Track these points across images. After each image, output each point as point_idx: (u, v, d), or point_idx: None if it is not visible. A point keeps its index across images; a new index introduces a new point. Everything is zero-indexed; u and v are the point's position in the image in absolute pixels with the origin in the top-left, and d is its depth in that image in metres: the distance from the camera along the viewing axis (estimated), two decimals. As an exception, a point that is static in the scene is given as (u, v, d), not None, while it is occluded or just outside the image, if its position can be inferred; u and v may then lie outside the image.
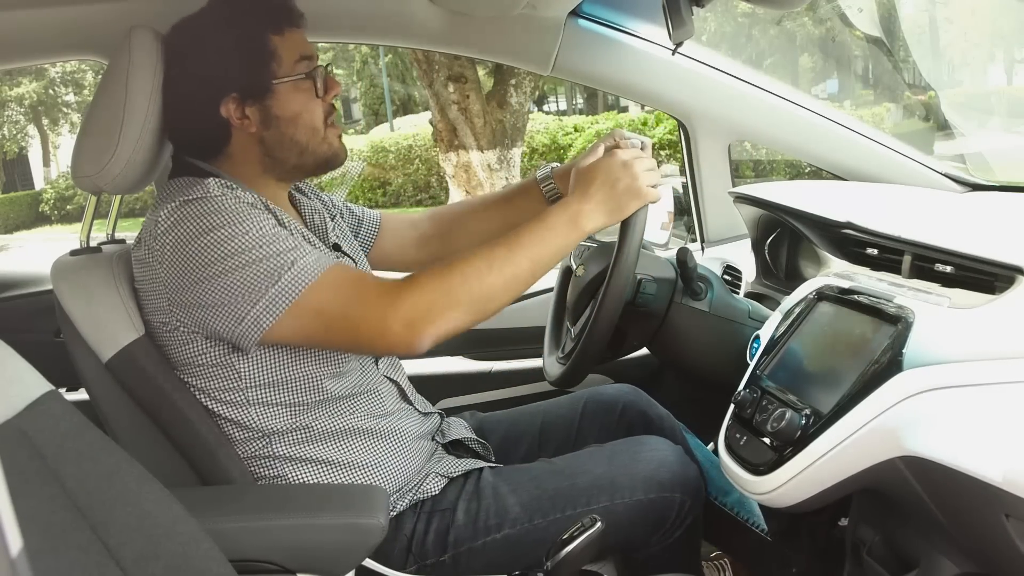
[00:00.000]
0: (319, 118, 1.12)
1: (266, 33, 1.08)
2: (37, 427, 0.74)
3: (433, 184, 11.39)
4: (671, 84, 1.63)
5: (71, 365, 1.11)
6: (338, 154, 1.15)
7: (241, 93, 1.08)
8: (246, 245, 0.98)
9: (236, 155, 1.12)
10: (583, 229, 1.07)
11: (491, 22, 1.55)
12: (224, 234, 0.98)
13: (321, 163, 1.15)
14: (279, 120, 1.09)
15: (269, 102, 1.09)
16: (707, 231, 1.75)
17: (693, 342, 1.27)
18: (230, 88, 1.07)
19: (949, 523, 0.81)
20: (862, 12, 2.28)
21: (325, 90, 1.12)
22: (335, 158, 1.15)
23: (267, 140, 1.10)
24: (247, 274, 0.97)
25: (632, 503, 1.13)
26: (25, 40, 1.44)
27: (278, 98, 1.09)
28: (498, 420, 1.41)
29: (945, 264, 0.90)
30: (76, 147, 1.14)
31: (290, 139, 1.11)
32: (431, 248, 1.47)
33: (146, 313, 1.07)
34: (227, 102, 1.08)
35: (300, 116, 1.10)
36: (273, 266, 0.97)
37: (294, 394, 1.08)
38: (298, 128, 1.11)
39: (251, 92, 1.08)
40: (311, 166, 1.15)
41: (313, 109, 1.11)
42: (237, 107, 1.08)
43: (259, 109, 1.09)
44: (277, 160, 1.12)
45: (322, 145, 1.13)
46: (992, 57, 8.99)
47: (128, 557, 0.73)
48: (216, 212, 0.99)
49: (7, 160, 19.33)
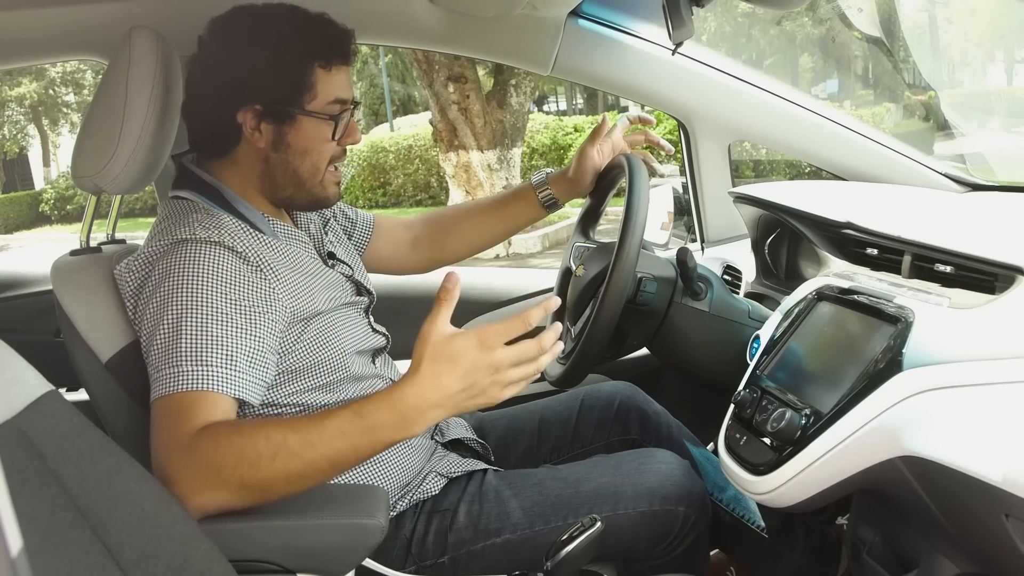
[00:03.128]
0: (325, 160, 1.11)
1: (313, 63, 1.06)
2: (37, 427, 0.74)
3: (433, 184, 11.39)
4: (671, 84, 1.63)
5: (71, 365, 1.11)
6: (330, 198, 1.15)
7: (263, 108, 1.06)
8: (189, 317, 0.96)
9: (240, 163, 1.11)
10: (412, 431, 0.86)
11: (491, 22, 1.55)
12: (180, 296, 0.97)
13: (312, 202, 1.14)
14: (289, 148, 1.09)
15: (286, 127, 1.08)
16: (707, 231, 1.75)
17: (693, 342, 1.27)
18: (255, 99, 1.06)
19: (949, 523, 0.81)
20: (862, 12, 2.29)
21: (344, 135, 1.12)
22: (326, 201, 1.15)
23: (271, 161, 1.10)
24: (173, 340, 0.95)
25: (635, 514, 1.12)
26: (25, 40, 1.44)
27: (297, 128, 1.08)
28: (497, 418, 1.41)
29: (945, 264, 0.90)
30: (76, 147, 1.14)
31: (292, 169, 1.10)
32: (424, 250, 1.47)
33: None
34: (246, 110, 1.06)
35: (309, 153, 1.09)
36: (187, 350, 0.94)
37: (293, 396, 1.07)
38: (303, 162, 1.10)
39: (273, 112, 1.07)
40: (303, 202, 1.14)
41: (324, 150, 1.10)
42: (254, 118, 1.07)
43: (274, 130, 1.08)
44: (275, 184, 1.11)
45: (318, 187, 1.12)
46: (992, 57, 8.99)
47: (128, 557, 0.73)
48: (191, 271, 0.98)
49: (7, 160, 19.34)
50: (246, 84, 1.05)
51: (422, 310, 0.85)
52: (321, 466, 0.86)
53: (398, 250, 1.45)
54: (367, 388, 1.15)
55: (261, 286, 1.02)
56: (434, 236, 1.47)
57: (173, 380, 0.93)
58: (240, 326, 0.98)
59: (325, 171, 1.12)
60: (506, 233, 1.48)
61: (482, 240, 1.48)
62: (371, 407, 0.85)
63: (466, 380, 0.84)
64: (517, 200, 1.44)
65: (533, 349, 0.87)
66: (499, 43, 1.60)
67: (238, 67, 1.05)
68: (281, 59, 1.05)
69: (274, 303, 1.02)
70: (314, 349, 1.08)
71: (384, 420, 0.84)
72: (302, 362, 1.07)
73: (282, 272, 1.06)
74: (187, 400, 0.92)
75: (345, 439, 0.85)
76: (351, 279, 1.22)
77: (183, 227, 1.03)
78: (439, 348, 0.84)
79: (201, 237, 1.01)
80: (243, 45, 1.06)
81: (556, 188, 1.43)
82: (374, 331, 1.23)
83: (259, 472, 0.85)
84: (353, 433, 0.85)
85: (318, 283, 1.12)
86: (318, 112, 1.07)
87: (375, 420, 0.84)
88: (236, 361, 0.95)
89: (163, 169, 1.23)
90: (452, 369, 0.84)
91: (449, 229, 1.47)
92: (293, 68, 1.06)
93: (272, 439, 0.85)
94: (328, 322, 1.11)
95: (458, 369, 0.84)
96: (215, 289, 0.98)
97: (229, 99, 1.06)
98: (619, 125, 1.45)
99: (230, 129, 1.08)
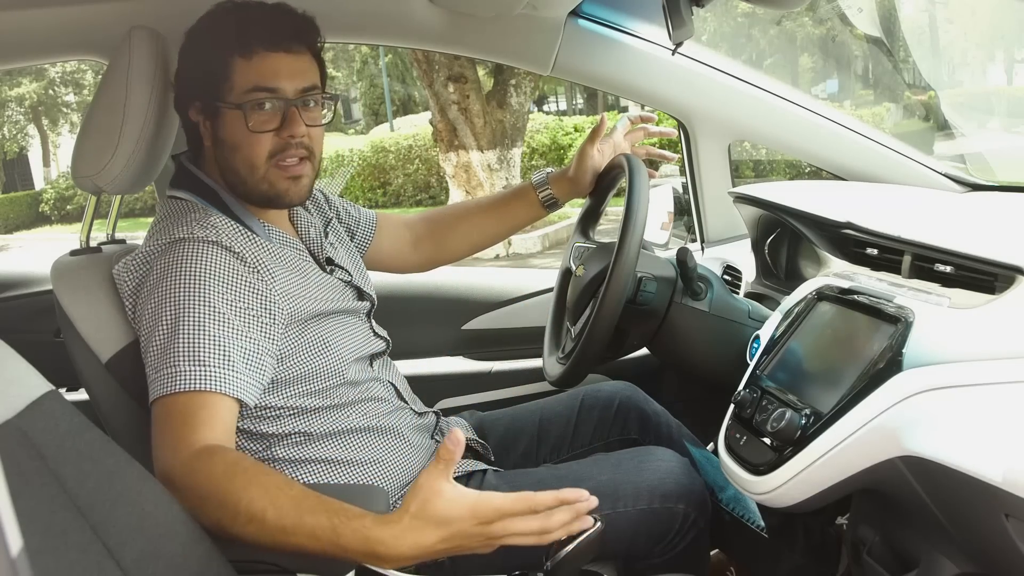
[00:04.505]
0: (259, 154, 1.05)
1: (231, 53, 1.03)
2: (37, 427, 0.74)
3: (433, 184, 11.39)
4: (671, 84, 1.63)
5: (71, 365, 1.11)
6: (281, 196, 1.08)
7: (201, 104, 1.08)
8: (186, 315, 0.96)
9: (209, 161, 1.12)
10: (380, 566, 0.83)
11: (491, 22, 1.55)
12: (178, 296, 0.97)
13: (262, 200, 1.09)
14: (223, 144, 1.08)
15: (217, 122, 1.07)
16: (707, 231, 1.75)
17: (693, 342, 1.27)
18: (194, 96, 1.08)
19: (949, 523, 0.81)
20: (862, 12, 2.28)
21: (281, 126, 1.05)
22: (277, 199, 1.09)
23: (218, 158, 1.10)
24: (171, 340, 0.96)
25: (635, 512, 1.12)
26: (25, 40, 1.44)
27: (223, 121, 1.07)
28: (497, 418, 1.41)
29: (945, 264, 0.90)
30: (76, 147, 1.14)
31: (231, 166, 1.08)
32: (425, 250, 1.47)
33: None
34: (193, 108, 1.09)
35: (239, 146, 1.06)
36: (184, 349, 0.95)
37: (288, 400, 1.07)
38: (235, 158, 1.07)
39: (204, 108, 1.08)
40: (255, 199, 1.10)
41: (253, 143, 1.05)
42: (197, 115, 1.09)
43: (211, 126, 1.09)
44: (228, 181, 1.10)
45: (261, 183, 1.07)
46: (992, 57, 8.98)
47: (128, 557, 0.73)
48: (189, 270, 0.99)
49: (7, 160, 19.33)
50: (186, 82, 1.09)
51: (422, 310, 0.85)
52: (286, 550, 0.84)
53: (400, 249, 1.45)
54: (364, 392, 1.15)
55: (258, 287, 1.02)
56: (435, 235, 1.47)
57: (171, 380, 0.93)
58: (237, 327, 0.98)
59: (266, 166, 1.06)
60: (506, 232, 1.49)
61: (482, 239, 1.48)
62: (347, 531, 0.81)
63: (449, 543, 0.81)
64: (517, 200, 1.45)
65: (536, 526, 0.82)
66: (499, 43, 1.60)
67: (181, 66, 1.09)
68: (202, 51, 1.06)
69: (270, 305, 1.02)
70: (312, 356, 1.08)
71: (355, 548, 0.81)
72: (299, 368, 1.07)
73: (278, 273, 1.06)
74: (188, 403, 0.93)
75: (315, 543, 0.82)
76: (351, 284, 1.22)
77: (181, 227, 1.03)
78: (428, 506, 0.80)
79: (199, 236, 1.01)
80: (186, 44, 1.08)
81: (556, 188, 1.43)
82: (375, 335, 1.23)
83: (234, 526, 0.85)
84: (324, 541, 0.82)
85: (314, 286, 1.12)
86: (234, 103, 1.04)
87: (347, 543, 0.81)
88: (233, 361, 0.95)
89: (163, 169, 1.23)
90: (436, 531, 0.80)
91: (450, 228, 1.47)
92: (210, 58, 1.05)
93: (254, 506, 0.84)
94: (327, 329, 1.11)
95: (443, 532, 0.80)
96: (213, 288, 0.98)
97: (180, 98, 1.10)
98: (619, 126, 1.45)
99: (192, 128, 1.11)
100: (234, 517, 0.84)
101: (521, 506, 0.81)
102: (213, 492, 0.86)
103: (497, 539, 0.82)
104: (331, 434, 1.10)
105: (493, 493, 0.82)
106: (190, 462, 0.89)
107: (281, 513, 0.84)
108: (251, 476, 0.87)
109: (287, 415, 1.07)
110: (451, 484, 0.81)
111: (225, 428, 0.95)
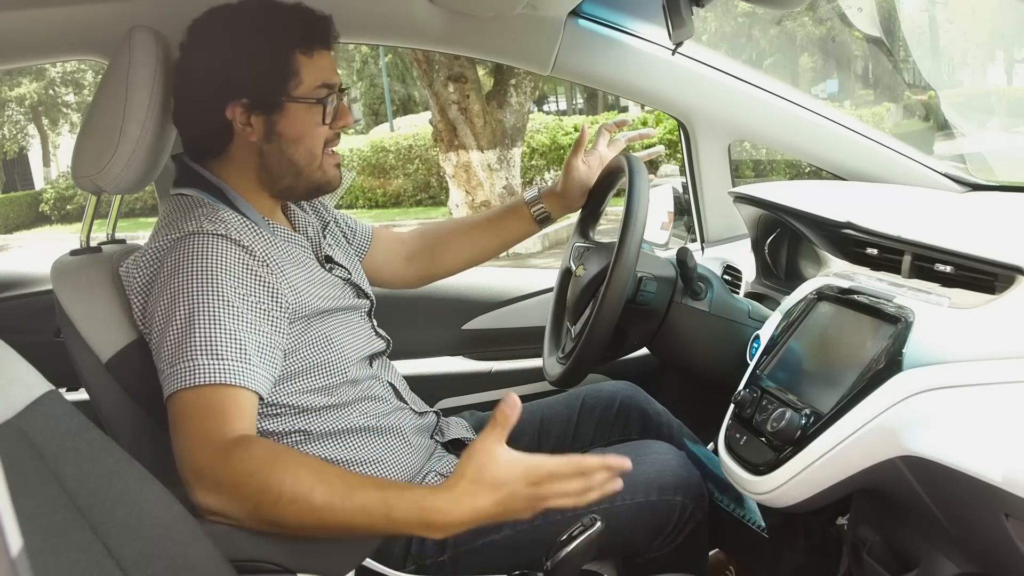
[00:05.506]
0: (319, 144, 1.12)
1: (294, 50, 1.07)
2: (37, 427, 0.74)
3: (433, 184, 11.39)
4: (671, 84, 1.63)
5: (71, 365, 1.11)
6: (331, 182, 1.15)
7: (251, 101, 1.07)
8: (201, 310, 0.96)
9: (236, 160, 1.12)
10: (433, 536, 0.85)
11: (491, 22, 1.55)
12: (191, 290, 0.97)
13: (313, 189, 1.15)
14: (281, 137, 1.09)
15: (276, 117, 1.08)
16: (707, 231, 1.75)
17: (693, 342, 1.27)
18: (241, 93, 1.07)
19: (949, 523, 0.81)
20: (862, 12, 2.28)
21: (335, 118, 1.13)
22: (327, 185, 1.15)
23: (265, 153, 1.10)
24: (186, 335, 0.96)
25: (633, 505, 1.12)
26: (25, 40, 1.44)
27: (286, 116, 1.09)
28: (497, 419, 1.41)
29: (945, 264, 0.90)
30: (76, 147, 1.14)
31: (288, 159, 1.11)
32: (418, 265, 1.47)
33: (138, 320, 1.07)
34: (234, 105, 1.07)
35: (302, 138, 1.10)
36: (201, 343, 0.95)
37: (290, 397, 1.07)
38: (297, 150, 1.10)
39: (260, 103, 1.08)
40: (303, 189, 1.15)
41: (317, 135, 1.11)
42: (243, 112, 1.08)
43: (264, 121, 1.08)
44: (273, 176, 1.12)
45: (317, 172, 1.13)
46: (992, 57, 8.98)
47: (128, 557, 0.73)
48: (201, 264, 0.99)
49: (7, 160, 19.34)
50: (231, 79, 1.07)
51: (422, 310, 0.85)
52: (334, 528, 0.86)
53: (393, 263, 1.46)
54: (364, 390, 1.15)
55: (268, 280, 1.03)
56: (428, 251, 1.47)
57: (190, 374, 0.94)
58: (250, 320, 0.98)
59: (322, 155, 1.12)
60: (500, 248, 1.49)
61: (475, 255, 1.49)
62: (402, 502, 0.84)
63: (502, 505, 0.84)
64: (510, 215, 1.46)
65: (579, 486, 0.87)
66: (499, 43, 1.60)
67: (221, 64, 1.07)
68: (262, 50, 1.06)
69: (279, 299, 1.03)
70: (316, 351, 1.08)
71: (409, 519, 0.84)
72: (303, 364, 1.07)
73: (285, 267, 1.06)
74: (213, 395, 0.93)
75: (367, 518, 0.85)
76: (349, 282, 1.22)
77: (189, 221, 1.03)
78: (484, 470, 0.84)
79: (208, 230, 1.02)
80: (224, 42, 1.07)
81: (548, 203, 1.44)
82: (377, 335, 1.24)
83: (275, 510, 0.86)
84: (376, 516, 0.84)
85: (317, 282, 1.12)
86: (305, 97, 1.08)
87: (400, 516, 0.84)
88: (248, 355, 0.96)
89: (163, 169, 1.23)
90: (491, 494, 0.84)
91: (443, 244, 1.47)
92: (275, 57, 1.07)
93: (300, 484, 0.85)
94: (330, 326, 1.11)
95: (498, 495, 0.84)
96: (226, 282, 0.99)
97: (216, 97, 1.08)
98: (600, 138, 1.45)
99: (222, 127, 1.09)
100: (277, 499, 0.85)
101: (571, 468, 0.86)
102: (255, 476, 0.86)
103: (544, 500, 0.86)
104: (331, 433, 1.10)
105: (543, 456, 0.87)
106: (227, 451, 0.89)
107: (331, 489, 0.85)
108: (295, 456, 0.91)
109: (288, 413, 1.07)
110: (504, 448, 0.85)
111: (252, 420, 0.96)
